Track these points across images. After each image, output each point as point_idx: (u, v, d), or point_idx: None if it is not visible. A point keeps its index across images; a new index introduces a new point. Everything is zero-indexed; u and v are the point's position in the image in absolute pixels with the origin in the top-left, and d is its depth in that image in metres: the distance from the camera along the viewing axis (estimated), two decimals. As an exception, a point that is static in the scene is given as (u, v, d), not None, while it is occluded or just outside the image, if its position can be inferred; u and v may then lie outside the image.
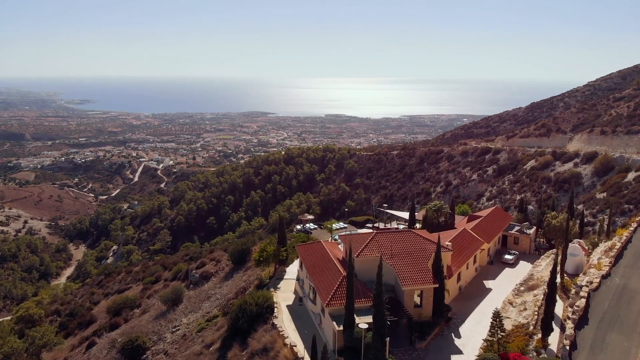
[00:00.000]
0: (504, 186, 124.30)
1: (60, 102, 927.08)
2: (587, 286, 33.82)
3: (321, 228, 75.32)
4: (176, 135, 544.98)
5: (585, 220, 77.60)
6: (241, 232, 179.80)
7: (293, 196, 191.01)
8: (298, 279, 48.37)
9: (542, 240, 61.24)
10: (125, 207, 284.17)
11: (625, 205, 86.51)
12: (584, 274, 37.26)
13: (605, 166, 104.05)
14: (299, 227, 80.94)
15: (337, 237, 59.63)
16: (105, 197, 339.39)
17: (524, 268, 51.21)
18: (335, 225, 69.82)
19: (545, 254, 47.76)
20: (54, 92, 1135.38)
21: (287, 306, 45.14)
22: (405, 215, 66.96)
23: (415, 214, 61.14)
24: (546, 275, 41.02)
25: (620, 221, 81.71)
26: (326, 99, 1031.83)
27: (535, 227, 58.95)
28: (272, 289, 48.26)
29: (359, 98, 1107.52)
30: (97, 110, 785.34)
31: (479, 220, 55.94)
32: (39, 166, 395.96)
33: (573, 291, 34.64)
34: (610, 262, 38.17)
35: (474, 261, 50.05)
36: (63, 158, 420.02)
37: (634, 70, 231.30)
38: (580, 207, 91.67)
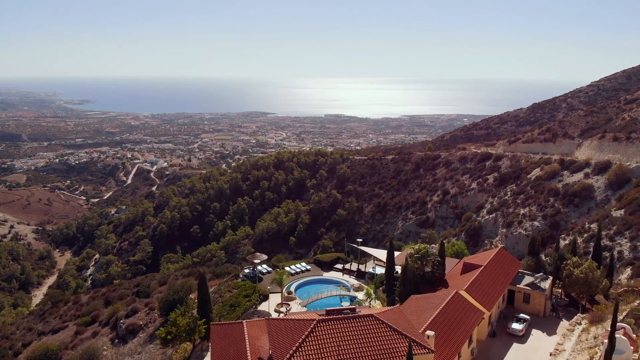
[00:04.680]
0: (506, 197, 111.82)
1: (59, 103, 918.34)
2: None
3: (277, 270, 57.26)
4: (174, 135, 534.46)
5: (602, 243, 64.13)
6: (225, 243, 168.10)
7: (282, 204, 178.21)
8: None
9: (559, 292, 47.18)
10: (112, 212, 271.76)
11: (648, 227, 73.31)
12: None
13: (620, 178, 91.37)
14: (247, 270, 61.63)
15: (292, 287, 45.70)
16: (97, 200, 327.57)
17: (538, 344, 37.63)
18: (293, 268, 53.13)
19: (568, 324, 34.04)
20: (53, 92, 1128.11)
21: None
22: (383, 254, 52.32)
23: (395, 254, 46.81)
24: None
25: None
26: (326, 99, 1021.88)
27: (551, 278, 44.72)
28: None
29: (358, 98, 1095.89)
30: (96, 111, 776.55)
31: (478, 272, 41.70)
32: (33, 168, 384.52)
33: None
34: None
35: (470, 341, 36.24)
36: (57, 159, 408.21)
37: (639, 70, 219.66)
38: (593, 225, 78.90)
